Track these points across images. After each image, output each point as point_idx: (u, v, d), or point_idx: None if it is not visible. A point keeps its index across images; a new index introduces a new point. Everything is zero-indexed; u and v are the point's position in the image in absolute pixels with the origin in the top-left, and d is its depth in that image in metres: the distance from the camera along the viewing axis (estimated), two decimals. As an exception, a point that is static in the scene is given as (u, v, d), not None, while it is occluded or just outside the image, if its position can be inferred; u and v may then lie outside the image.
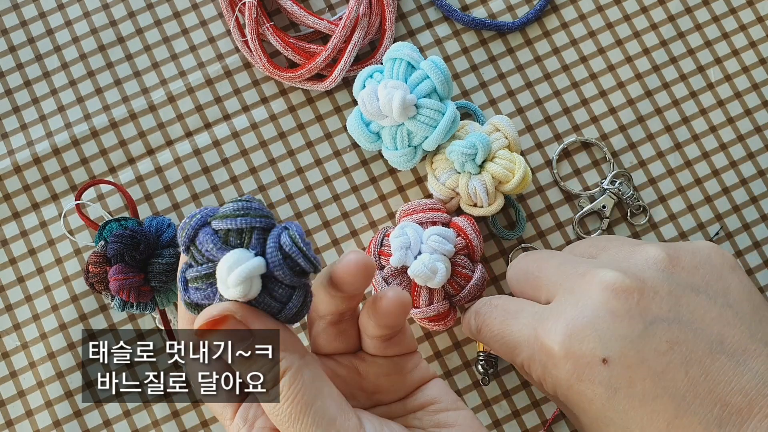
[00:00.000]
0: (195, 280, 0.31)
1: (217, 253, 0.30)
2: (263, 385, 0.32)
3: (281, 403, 0.31)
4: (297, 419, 0.31)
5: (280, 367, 0.31)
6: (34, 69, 0.59)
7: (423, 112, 0.53)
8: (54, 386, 0.56)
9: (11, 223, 0.57)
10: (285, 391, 0.31)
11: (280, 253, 0.30)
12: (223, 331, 0.31)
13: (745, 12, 0.60)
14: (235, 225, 0.30)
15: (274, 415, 0.32)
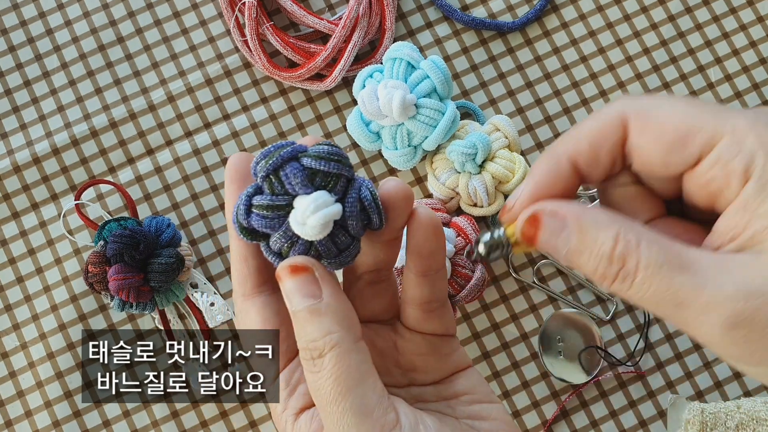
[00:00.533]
0: (265, 208, 0.31)
1: (300, 190, 0.30)
2: (312, 352, 0.31)
3: (325, 377, 0.31)
4: (335, 400, 0.30)
5: (331, 340, 0.31)
6: (33, 69, 0.59)
7: (423, 111, 0.53)
8: (53, 386, 0.56)
9: (11, 223, 0.57)
10: (330, 367, 0.31)
11: (359, 204, 0.31)
12: (300, 279, 0.31)
13: (745, 12, 0.60)
14: (326, 168, 0.31)
15: (315, 387, 0.31)
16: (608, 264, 0.28)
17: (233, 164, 0.33)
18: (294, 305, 0.31)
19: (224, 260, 0.57)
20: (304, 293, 0.31)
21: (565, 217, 0.29)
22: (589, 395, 0.56)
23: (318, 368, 0.31)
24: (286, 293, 0.31)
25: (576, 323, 0.56)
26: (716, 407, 0.53)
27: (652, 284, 0.28)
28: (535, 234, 0.30)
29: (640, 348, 0.56)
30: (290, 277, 0.31)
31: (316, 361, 0.31)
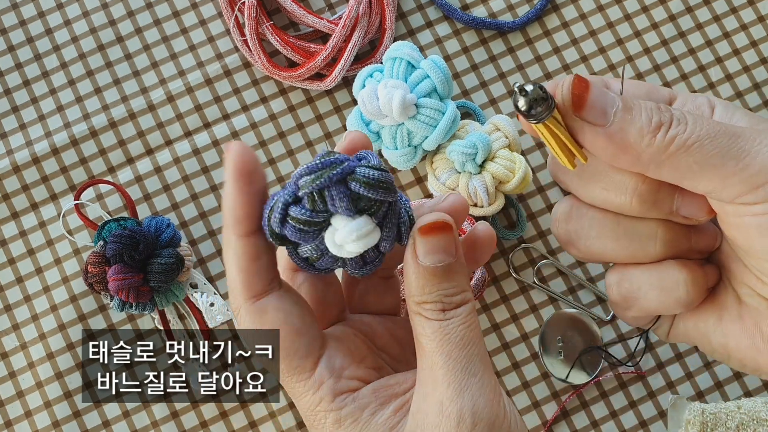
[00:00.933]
0: (303, 222, 0.30)
1: (344, 212, 0.30)
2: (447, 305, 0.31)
3: (457, 325, 0.31)
4: (468, 344, 0.31)
5: (465, 295, 0.31)
6: (33, 68, 0.59)
7: (423, 111, 0.53)
8: (53, 387, 0.55)
9: (10, 223, 0.57)
10: (464, 316, 0.31)
11: (396, 230, 0.31)
12: (443, 237, 0.31)
13: (746, 11, 0.60)
14: (373, 195, 0.30)
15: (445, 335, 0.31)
16: (659, 112, 0.29)
17: (240, 159, 0.30)
18: (434, 261, 0.31)
19: (224, 260, 0.57)
20: (447, 251, 0.31)
21: (614, 92, 0.31)
22: (589, 395, 0.56)
23: (450, 317, 0.31)
24: (429, 248, 0.31)
25: (576, 323, 0.56)
26: (717, 407, 0.53)
27: (704, 121, 0.29)
28: (586, 88, 0.30)
29: (640, 348, 0.56)
30: (436, 233, 0.31)
31: (448, 312, 0.31)
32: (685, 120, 0.30)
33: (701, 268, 0.34)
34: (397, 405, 0.32)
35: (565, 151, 0.31)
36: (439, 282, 0.31)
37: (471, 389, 0.30)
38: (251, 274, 0.31)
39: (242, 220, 0.31)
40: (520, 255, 0.57)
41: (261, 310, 0.31)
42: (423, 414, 0.31)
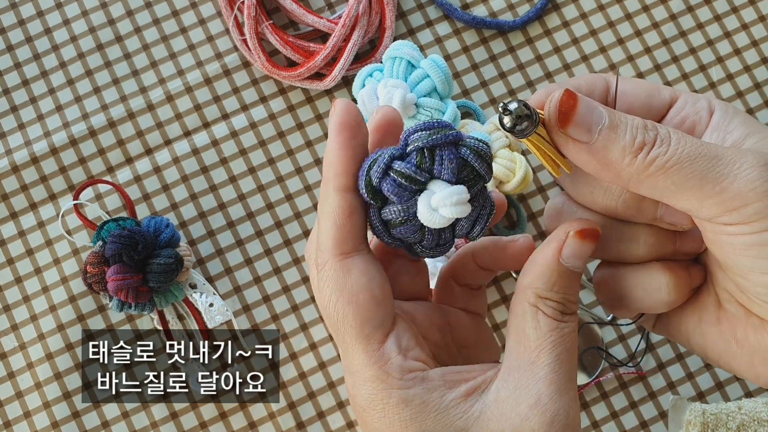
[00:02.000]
0: (406, 177, 0.30)
1: (446, 175, 0.30)
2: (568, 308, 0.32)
3: (570, 330, 0.32)
4: (575, 352, 0.32)
5: (578, 302, 0.33)
6: (32, 68, 0.59)
7: (423, 111, 0.53)
8: (52, 387, 0.55)
9: (9, 223, 0.57)
10: (575, 324, 0.32)
11: (478, 213, 0.32)
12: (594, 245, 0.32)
13: (746, 11, 0.60)
14: (479, 166, 0.31)
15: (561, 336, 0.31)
16: (645, 131, 0.30)
17: (345, 113, 0.30)
18: (575, 264, 0.32)
19: (223, 260, 0.57)
20: (584, 258, 0.32)
21: (610, 83, 0.33)
22: (590, 396, 0.56)
23: (568, 320, 0.32)
24: (578, 252, 0.32)
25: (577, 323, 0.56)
26: (717, 408, 0.53)
27: (687, 142, 0.30)
28: (574, 105, 0.30)
29: (641, 349, 0.56)
30: (591, 240, 0.32)
31: (566, 316, 0.32)
32: (669, 140, 0.30)
33: (685, 270, 0.34)
34: (468, 388, 0.31)
35: (550, 162, 0.32)
36: (568, 285, 0.32)
37: (570, 394, 0.31)
38: (345, 231, 0.31)
39: (342, 174, 0.30)
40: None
41: (347, 268, 0.31)
42: (512, 403, 0.31)
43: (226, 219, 0.57)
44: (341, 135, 0.30)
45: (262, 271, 0.57)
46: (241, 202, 0.58)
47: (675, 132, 0.30)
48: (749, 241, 0.30)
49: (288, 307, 0.57)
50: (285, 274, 0.57)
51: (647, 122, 0.31)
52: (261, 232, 0.57)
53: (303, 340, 0.56)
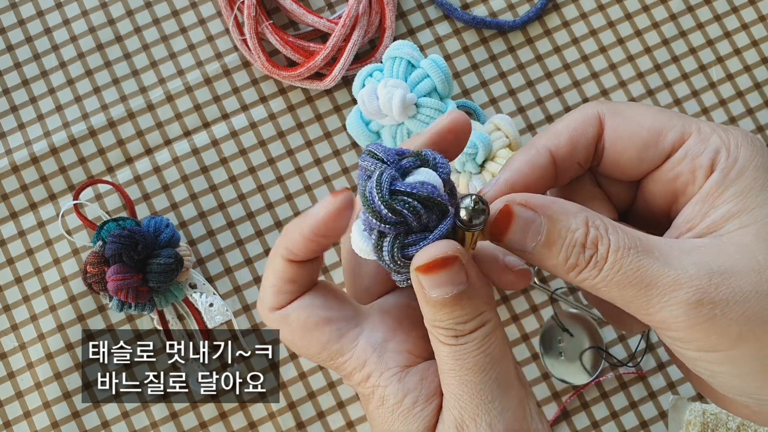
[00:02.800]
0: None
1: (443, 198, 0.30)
2: (460, 331, 0.31)
3: (471, 350, 0.30)
4: (483, 370, 0.30)
5: (482, 318, 0.31)
6: (32, 68, 0.59)
7: (423, 111, 0.53)
8: (52, 387, 0.55)
9: (9, 223, 0.57)
10: (479, 340, 0.30)
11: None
12: (447, 270, 0.30)
13: (747, 11, 0.60)
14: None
15: (458, 359, 0.30)
16: (581, 251, 0.30)
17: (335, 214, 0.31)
18: (440, 293, 0.30)
19: (223, 260, 0.57)
20: (453, 282, 0.30)
21: (535, 207, 0.30)
22: (590, 396, 0.56)
23: (464, 342, 0.30)
24: (432, 283, 0.30)
25: (577, 324, 0.56)
26: (717, 408, 0.53)
27: (622, 267, 0.29)
28: (507, 227, 0.30)
29: (641, 349, 0.56)
30: (436, 271, 0.30)
31: (461, 338, 0.31)
32: (603, 262, 0.29)
33: None
34: (439, 403, 0.32)
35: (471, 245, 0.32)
36: (450, 311, 0.30)
37: (489, 414, 0.30)
38: (280, 293, 0.32)
39: (297, 254, 0.31)
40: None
41: (283, 317, 0.32)
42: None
43: (226, 219, 0.57)
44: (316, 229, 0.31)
45: (262, 271, 0.57)
46: (241, 202, 0.58)
47: (615, 250, 0.29)
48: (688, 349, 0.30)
49: (288, 307, 0.56)
50: (285, 274, 0.57)
51: (589, 237, 0.30)
52: (261, 232, 0.57)
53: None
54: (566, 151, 0.32)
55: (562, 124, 0.33)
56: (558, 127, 0.33)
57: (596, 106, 0.32)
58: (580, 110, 0.33)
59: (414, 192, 0.29)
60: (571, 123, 0.32)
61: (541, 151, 0.32)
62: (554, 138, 0.32)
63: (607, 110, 0.32)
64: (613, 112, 0.32)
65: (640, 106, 0.32)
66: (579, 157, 0.33)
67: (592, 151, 0.33)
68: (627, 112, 0.32)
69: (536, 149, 0.32)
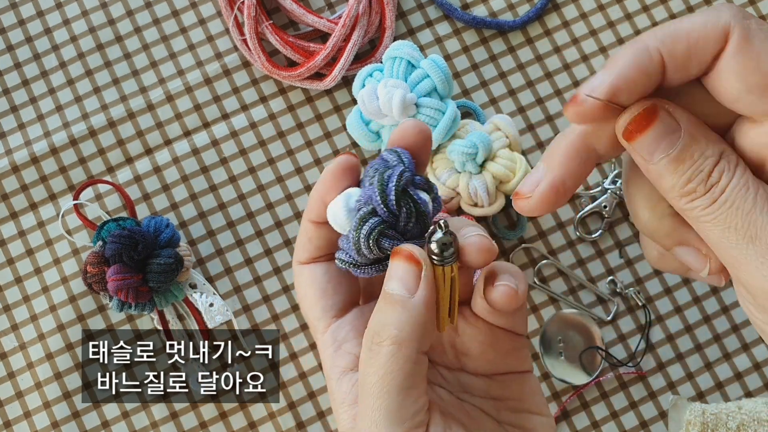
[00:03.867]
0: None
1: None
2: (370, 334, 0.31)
3: (373, 368, 0.31)
4: (374, 394, 0.31)
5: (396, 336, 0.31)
6: (32, 68, 0.59)
7: (423, 111, 0.53)
8: (52, 387, 0.55)
9: (9, 223, 0.57)
10: (382, 362, 0.31)
11: None
12: (408, 268, 0.31)
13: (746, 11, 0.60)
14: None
15: (363, 373, 0.31)
16: (705, 178, 0.28)
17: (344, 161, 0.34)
18: (389, 286, 0.31)
19: (223, 260, 0.57)
20: (404, 282, 0.31)
21: (680, 119, 0.29)
22: (590, 396, 0.56)
23: (372, 355, 0.31)
24: (391, 273, 0.31)
25: (577, 324, 0.56)
26: (717, 408, 0.53)
27: (735, 203, 0.28)
28: (643, 130, 0.29)
29: (641, 349, 0.56)
30: (404, 261, 0.31)
31: (373, 347, 0.31)
32: (719, 194, 0.28)
33: None
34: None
35: (445, 306, 0.32)
36: (382, 310, 0.32)
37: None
38: (304, 249, 0.36)
39: (313, 215, 0.35)
40: (521, 255, 0.57)
41: (300, 272, 0.36)
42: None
43: (226, 219, 0.57)
44: (334, 172, 0.33)
45: (262, 271, 0.57)
46: (241, 202, 0.58)
47: (736, 186, 0.28)
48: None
49: (288, 307, 0.57)
50: (285, 274, 0.57)
51: (718, 167, 0.28)
52: (261, 232, 0.57)
53: (303, 340, 0.56)
54: (681, 62, 0.28)
55: (683, 28, 0.28)
56: (679, 29, 0.28)
57: (729, 17, 0.28)
58: (708, 15, 0.28)
59: (417, 201, 0.32)
60: (694, 30, 0.28)
61: (654, 56, 0.28)
62: (672, 43, 0.28)
63: (739, 30, 0.28)
64: (743, 35, 0.28)
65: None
66: (691, 71, 0.29)
67: (706, 68, 0.29)
68: (756, 43, 0.28)
69: (648, 52, 0.28)
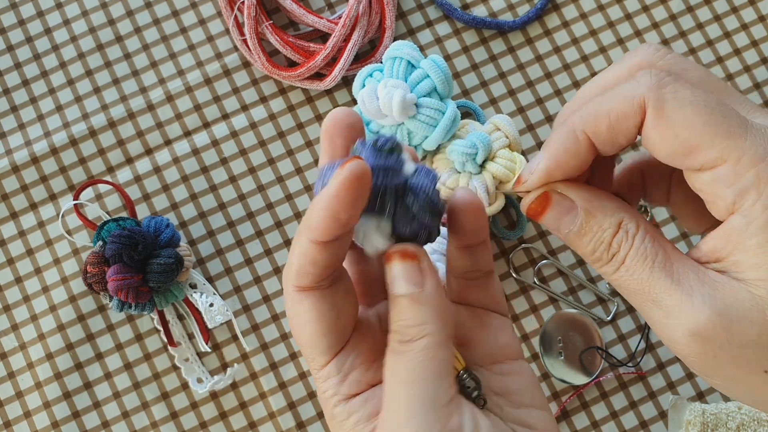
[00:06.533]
0: None
1: None
2: (398, 335, 0.31)
3: (406, 361, 0.31)
4: (409, 383, 0.31)
5: (424, 329, 0.31)
6: (32, 68, 0.59)
7: (423, 111, 0.53)
8: (52, 387, 0.55)
9: (9, 223, 0.57)
10: (415, 352, 0.31)
11: None
12: (408, 265, 0.31)
13: (746, 11, 0.60)
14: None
15: (394, 368, 0.31)
16: (606, 248, 0.31)
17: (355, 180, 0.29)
18: (398, 289, 0.31)
19: (223, 260, 0.57)
20: (410, 279, 0.31)
21: (575, 198, 0.32)
22: (589, 396, 0.56)
23: (404, 350, 0.31)
24: (393, 276, 0.31)
25: (577, 324, 0.56)
26: (717, 408, 0.53)
27: (635, 273, 0.30)
28: (542, 212, 0.32)
29: (641, 349, 0.56)
30: (400, 261, 0.31)
31: (403, 345, 0.31)
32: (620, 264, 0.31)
33: None
34: (369, 414, 0.32)
35: None
36: (401, 311, 0.31)
37: (409, 428, 0.30)
38: (302, 273, 0.32)
39: (318, 234, 0.30)
40: (521, 255, 0.57)
41: (299, 301, 0.32)
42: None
43: (226, 219, 0.57)
44: (350, 185, 0.30)
45: (262, 271, 0.57)
46: (241, 202, 0.58)
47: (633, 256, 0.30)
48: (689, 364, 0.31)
49: (288, 307, 0.57)
50: (285, 274, 0.57)
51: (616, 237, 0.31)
52: (261, 232, 0.57)
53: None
54: (607, 139, 0.31)
55: (603, 109, 0.31)
56: (599, 110, 0.31)
57: (643, 89, 0.30)
58: (625, 91, 0.30)
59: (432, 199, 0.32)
60: (612, 110, 0.30)
61: (580, 138, 0.31)
62: (594, 125, 0.31)
63: (653, 103, 0.29)
64: (657, 108, 0.29)
65: (696, 101, 0.29)
66: (620, 144, 0.31)
67: (632, 138, 0.31)
68: (672, 113, 0.29)
69: (575, 136, 0.31)
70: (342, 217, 0.29)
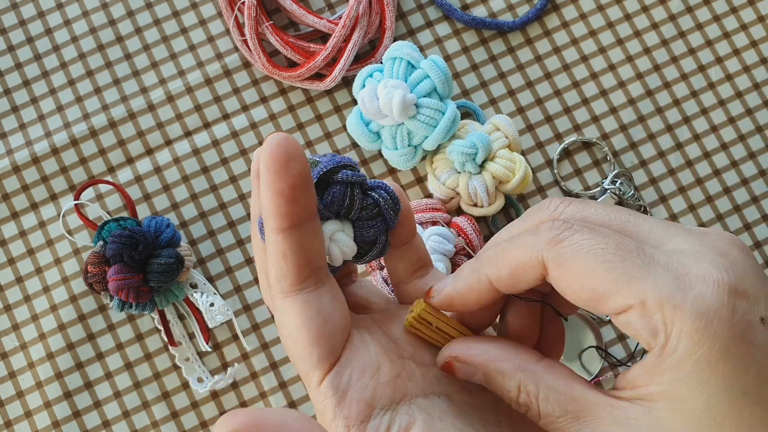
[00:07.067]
0: None
1: None
2: None
3: None
4: None
5: None
6: (32, 68, 0.59)
7: (423, 111, 0.53)
8: (53, 387, 0.55)
9: (10, 223, 0.57)
10: None
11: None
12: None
13: (746, 11, 0.60)
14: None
15: None
16: (517, 406, 0.32)
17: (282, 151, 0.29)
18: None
19: (224, 260, 0.57)
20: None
21: (474, 364, 0.33)
22: (589, 395, 0.56)
23: None
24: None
25: (576, 323, 0.56)
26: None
27: (556, 422, 0.31)
28: (453, 372, 0.33)
29: (640, 348, 0.56)
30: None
31: None
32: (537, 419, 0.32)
33: None
34: None
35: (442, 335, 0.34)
36: None
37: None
38: (286, 274, 0.31)
39: (282, 219, 0.30)
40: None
41: (283, 309, 0.32)
42: None
43: (227, 219, 0.57)
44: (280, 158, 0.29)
45: (263, 271, 0.57)
46: (241, 202, 0.58)
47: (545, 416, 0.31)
48: None
49: (288, 307, 0.57)
50: (285, 273, 0.57)
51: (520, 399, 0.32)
52: (261, 232, 0.57)
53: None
54: (507, 285, 0.32)
55: (505, 260, 0.31)
56: (502, 260, 0.31)
57: (541, 250, 0.30)
58: (524, 246, 0.31)
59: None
60: (513, 261, 0.31)
61: (483, 280, 0.32)
62: (497, 272, 0.32)
63: (552, 259, 0.30)
64: (557, 263, 0.30)
65: (590, 256, 0.29)
66: (522, 289, 0.32)
67: (534, 285, 0.32)
68: (572, 264, 0.29)
69: (479, 278, 0.32)
70: (283, 188, 0.29)
